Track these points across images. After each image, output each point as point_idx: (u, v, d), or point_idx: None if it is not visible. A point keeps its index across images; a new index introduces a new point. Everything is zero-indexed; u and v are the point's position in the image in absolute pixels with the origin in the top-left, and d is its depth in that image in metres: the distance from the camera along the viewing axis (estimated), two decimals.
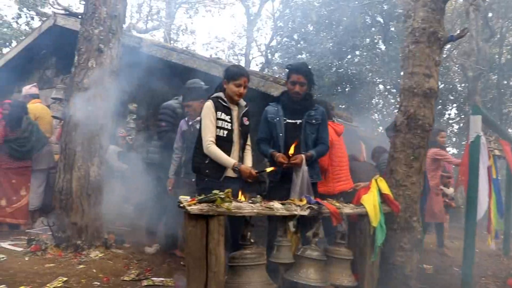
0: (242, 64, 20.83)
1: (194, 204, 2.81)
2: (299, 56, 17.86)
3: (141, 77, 5.51)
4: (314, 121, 4.08)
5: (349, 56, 16.05)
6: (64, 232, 5.00)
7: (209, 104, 3.82)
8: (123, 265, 4.78)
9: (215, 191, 2.95)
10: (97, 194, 5.06)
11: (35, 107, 6.92)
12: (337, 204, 3.69)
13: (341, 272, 3.65)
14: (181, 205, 2.84)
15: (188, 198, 2.93)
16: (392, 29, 15.16)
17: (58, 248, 4.99)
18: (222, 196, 2.90)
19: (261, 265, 3.22)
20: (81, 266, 4.61)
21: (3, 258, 4.78)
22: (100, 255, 4.94)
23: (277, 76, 8.80)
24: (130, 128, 7.34)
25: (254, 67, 23.14)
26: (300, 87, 4.05)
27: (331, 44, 16.16)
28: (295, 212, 3.35)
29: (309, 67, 4.30)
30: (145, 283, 4.26)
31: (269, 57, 21.68)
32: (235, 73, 3.87)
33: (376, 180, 4.04)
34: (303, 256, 3.47)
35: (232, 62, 12.49)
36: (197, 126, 4.23)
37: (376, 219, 3.79)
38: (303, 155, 3.86)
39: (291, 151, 3.84)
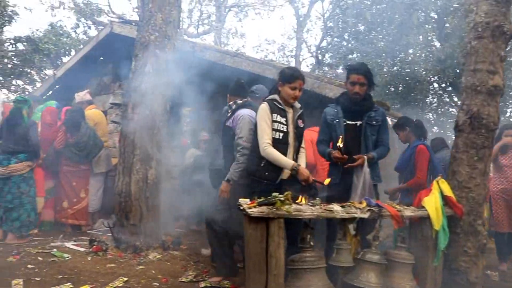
0: (293, 65, 20.75)
1: (254, 206, 2.81)
2: (350, 56, 17.59)
3: (195, 81, 5.57)
4: (374, 122, 4.00)
5: (402, 55, 15.65)
6: (124, 233, 5.12)
7: (264, 107, 3.82)
8: (180, 266, 4.85)
9: (274, 194, 2.94)
10: (154, 196, 5.16)
11: (94, 113, 7.15)
12: (398, 206, 3.60)
13: (402, 276, 3.55)
14: (241, 207, 2.85)
15: (247, 200, 2.93)
16: (447, 25, 14.66)
17: (118, 249, 5.12)
18: (282, 199, 2.89)
19: (321, 268, 3.19)
20: (140, 267, 4.72)
21: (68, 257, 4.97)
22: (158, 256, 5.04)
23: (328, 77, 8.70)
24: (183, 131, 7.46)
25: (305, 68, 23.03)
26: (360, 88, 3.97)
27: (382, 43, 15.83)
28: (355, 215, 3.30)
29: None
30: (202, 284, 4.29)
31: (320, 58, 21.50)
32: (290, 76, 3.85)
33: (437, 181, 3.90)
34: (363, 260, 3.41)
35: (286, 64, 12.48)
36: (226, 124, 4.33)
37: (439, 222, 3.66)
38: (364, 156, 3.79)
39: (339, 142, 3.81)
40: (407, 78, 14.82)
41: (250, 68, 5.65)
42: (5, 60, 16.81)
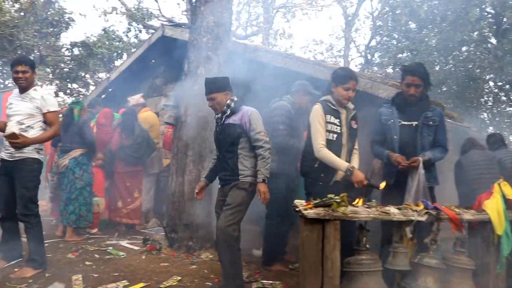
0: (345, 66, 20.52)
1: (310, 208, 2.79)
2: (400, 55, 17.23)
3: (246, 82, 5.59)
4: (431, 122, 3.89)
5: (455, 52, 15.17)
6: (177, 233, 5.21)
7: (317, 108, 3.80)
8: None
9: (330, 195, 2.91)
10: (207, 197, 5.20)
11: (149, 116, 7.32)
12: (457, 209, 3.48)
13: (461, 282, 3.41)
14: (297, 209, 2.83)
15: (303, 202, 2.92)
16: (505, 19, 14.09)
17: (171, 248, 5.23)
18: (338, 200, 2.85)
19: (377, 271, 3.13)
20: (193, 266, 4.79)
21: (123, 255, 5.11)
22: (211, 256, 5.09)
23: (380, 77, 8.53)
24: None
25: (353, 68, 22.71)
26: (416, 89, 3.88)
27: (434, 41, 15.40)
28: (412, 218, 3.21)
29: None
30: (254, 285, 4.30)
31: (369, 57, 21.17)
32: (343, 77, 3.82)
33: (499, 184, 3.73)
34: (421, 264, 3.31)
35: (337, 65, 12.36)
36: (228, 121, 3.94)
37: (501, 227, 3.49)
38: (420, 158, 3.70)
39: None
40: (461, 76, 14.36)
41: (301, 69, 5.60)
42: (62, 65, 17.48)
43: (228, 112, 3.94)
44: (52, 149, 6.73)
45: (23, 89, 4.38)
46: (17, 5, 15.65)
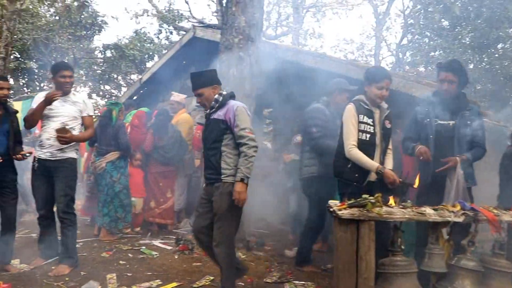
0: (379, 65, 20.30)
1: (345, 208, 2.77)
2: (432, 53, 16.94)
3: (277, 82, 5.60)
4: (468, 121, 3.81)
5: (490, 50, 14.81)
6: None
7: (350, 107, 3.77)
8: (264, 267, 4.88)
9: (364, 196, 2.89)
10: None
11: (188, 117, 7.35)
12: (496, 210, 3.38)
13: (501, 286, 3.31)
14: (331, 209, 2.82)
15: (337, 202, 2.90)
16: None
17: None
18: (373, 201, 2.82)
19: (412, 273, 3.08)
20: None
21: (156, 255, 5.18)
22: (243, 256, 5.10)
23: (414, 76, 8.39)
24: (265, 133, 7.50)
25: (384, 67, 22.40)
26: (449, 85, 3.83)
27: (467, 38, 15.08)
28: (449, 219, 3.14)
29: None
30: (287, 286, 4.30)
31: (400, 56, 20.87)
32: (377, 76, 3.77)
33: None
34: (457, 266, 3.23)
35: (368, 64, 12.22)
36: (213, 117, 3.70)
37: None
38: (457, 158, 3.63)
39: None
40: (496, 74, 14.01)
41: (333, 69, 5.56)
42: (94, 67, 17.84)
43: (216, 106, 3.71)
44: (88, 150, 6.86)
45: (66, 93, 4.50)
46: (52, 10, 16.07)
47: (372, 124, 3.75)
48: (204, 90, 3.72)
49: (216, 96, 3.71)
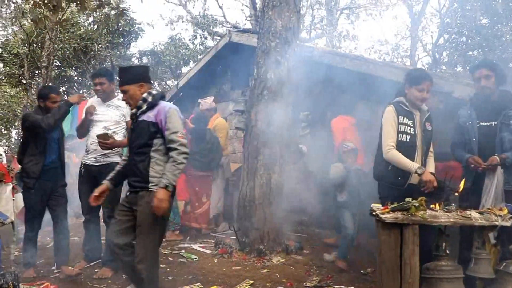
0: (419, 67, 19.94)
1: (388, 212, 2.74)
2: (470, 52, 16.52)
3: (314, 85, 5.57)
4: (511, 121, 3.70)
5: None
6: (248, 237, 5.24)
7: (390, 109, 3.74)
8: (304, 271, 4.85)
9: (407, 199, 2.84)
10: (278, 201, 5.23)
11: (224, 122, 7.40)
12: None
13: None
14: (374, 213, 2.78)
15: (379, 206, 2.86)
16: None
17: (242, 252, 5.25)
18: (417, 204, 2.78)
19: (458, 278, 3.01)
20: (265, 270, 4.79)
21: (195, 258, 5.21)
22: (282, 260, 5.09)
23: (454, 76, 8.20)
24: (301, 136, 7.44)
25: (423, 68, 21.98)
26: (486, 80, 3.77)
27: (508, 36, 14.64)
28: (496, 223, 3.06)
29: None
30: None
31: (437, 56, 20.44)
32: (417, 78, 3.72)
33: None
34: (507, 272, 3.15)
35: (403, 64, 12.03)
36: (141, 118, 3.38)
37: None
38: (497, 157, 3.53)
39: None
40: None
41: (371, 71, 5.49)
42: None
43: (144, 107, 3.36)
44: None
45: (104, 98, 4.63)
46: (90, 19, 16.50)
47: (412, 125, 3.71)
48: (129, 87, 3.39)
49: (145, 95, 3.38)
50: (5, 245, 4.38)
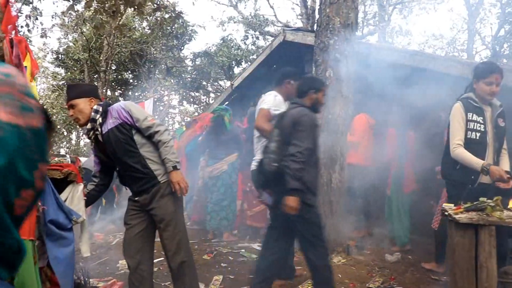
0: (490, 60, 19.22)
1: (461, 212, 2.63)
2: None
3: (372, 83, 5.44)
4: None
5: None
6: None
7: (458, 106, 3.61)
8: (365, 272, 4.77)
9: (482, 199, 2.72)
10: (338, 200, 5.16)
11: None
12: None
13: None
14: (446, 213, 2.69)
15: (452, 206, 2.76)
16: None
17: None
18: (492, 204, 2.66)
19: None
20: None
21: (256, 258, 5.22)
22: (343, 260, 5.03)
23: None
24: None
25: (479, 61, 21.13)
26: None
27: None
28: None
29: None
30: None
31: (497, 49, 19.63)
32: (484, 71, 3.57)
33: None
34: None
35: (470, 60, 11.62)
36: (108, 128, 3.22)
37: None
38: None
39: None
40: None
41: (432, 66, 5.32)
42: (185, 75, 18.54)
43: (100, 119, 3.20)
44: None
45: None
46: (145, 23, 16.94)
47: (482, 122, 3.56)
48: (78, 102, 3.18)
49: (95, 107, 3.21)
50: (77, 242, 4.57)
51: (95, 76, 16.82)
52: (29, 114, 0.74)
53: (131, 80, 19.63)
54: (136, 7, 6.81)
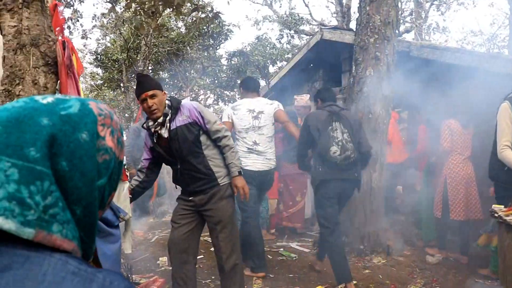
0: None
1: None
2: None
3: (412, 81, 5.35)
4: None
5: None
6: (348, 237, 5.17)
7: (505, 106, 3.51)
8: (406, 273, 4.71)
9: None
10: (379, 200, 5.11)
11: None
12: None
13: None
14: (496, 215, 2.63)
15: (502, 207, 2.70)
16: None
17: None
18: None
19: None
20: (367, 271, 4.72)
21: (294, 257, 5.25)
22: (383, 261, 4.98)
23: None
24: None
25: None
26: None
27: None
28: None
29: None
30: None
31: None
32: None
33: None
34: None
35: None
36: (177, 125, 3.21)
37: None
38: None
39: None
40: None
41: (474, 63, 5.18)
42: (220, 74, 18.66)
43: (170, 114, 3.19)
44: None
45: None
46: (180, 23, 17.14)
47: None
48: (158, 92, 3.15)
49: (166, 101, 3.22)
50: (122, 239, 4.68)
51: (132, 76, 17.12)
52: (119, 147, 0.84)
53: (167, 80, 19.88)
54: (174, 7, 6.90)
